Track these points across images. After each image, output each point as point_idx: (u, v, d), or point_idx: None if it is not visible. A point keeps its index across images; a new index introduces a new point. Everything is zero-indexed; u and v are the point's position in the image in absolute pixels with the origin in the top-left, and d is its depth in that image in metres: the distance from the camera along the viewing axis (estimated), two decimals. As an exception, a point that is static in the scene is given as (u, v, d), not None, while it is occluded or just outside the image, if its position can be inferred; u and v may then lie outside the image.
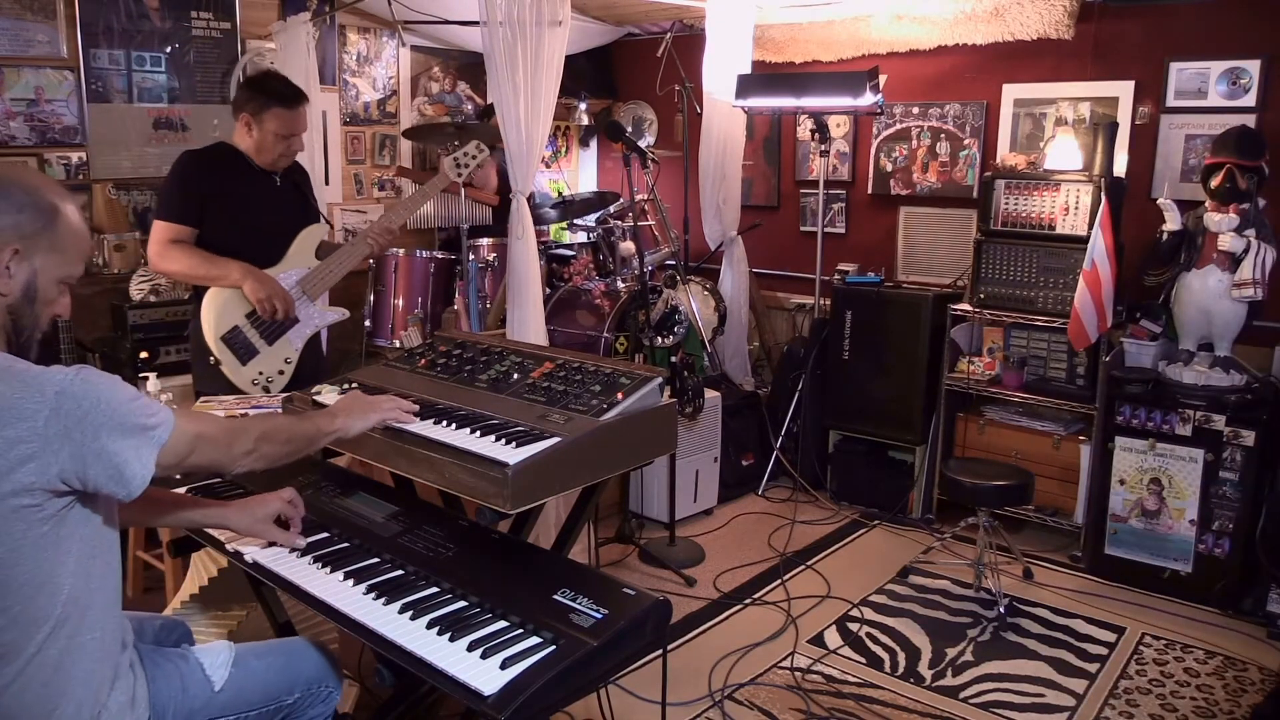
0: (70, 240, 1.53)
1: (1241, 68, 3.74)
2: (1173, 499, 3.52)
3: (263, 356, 3.01)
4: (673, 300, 4.04)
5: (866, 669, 3.06)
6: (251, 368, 2.99)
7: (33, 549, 1.38)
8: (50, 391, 1.35)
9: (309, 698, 1.80)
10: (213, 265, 2.92)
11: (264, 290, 2.93)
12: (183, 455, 1.50)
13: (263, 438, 1.66)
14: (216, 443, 1.58)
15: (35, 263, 1.49)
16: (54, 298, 1.54)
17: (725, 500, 4.43)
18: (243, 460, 1.63)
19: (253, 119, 2.95)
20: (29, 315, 1.51)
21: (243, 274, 2.92)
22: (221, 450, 1.59)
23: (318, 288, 3.10)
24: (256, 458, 1.65)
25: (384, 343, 4.34)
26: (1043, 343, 4.04)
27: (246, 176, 3.00)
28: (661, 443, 2.08)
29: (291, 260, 3.07)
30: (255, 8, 4.45)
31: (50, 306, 1.55)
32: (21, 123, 3.85)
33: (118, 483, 1.40)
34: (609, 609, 1.61)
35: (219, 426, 1.63)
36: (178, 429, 1.48)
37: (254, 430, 1.65)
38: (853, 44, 4.75)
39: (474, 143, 3.35)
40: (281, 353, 3.04)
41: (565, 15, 3.35)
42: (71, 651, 1.45)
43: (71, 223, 1.53)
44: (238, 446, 1.62)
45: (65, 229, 1.52)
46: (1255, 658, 3.15)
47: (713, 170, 4.74)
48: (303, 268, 3.07)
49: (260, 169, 3.03)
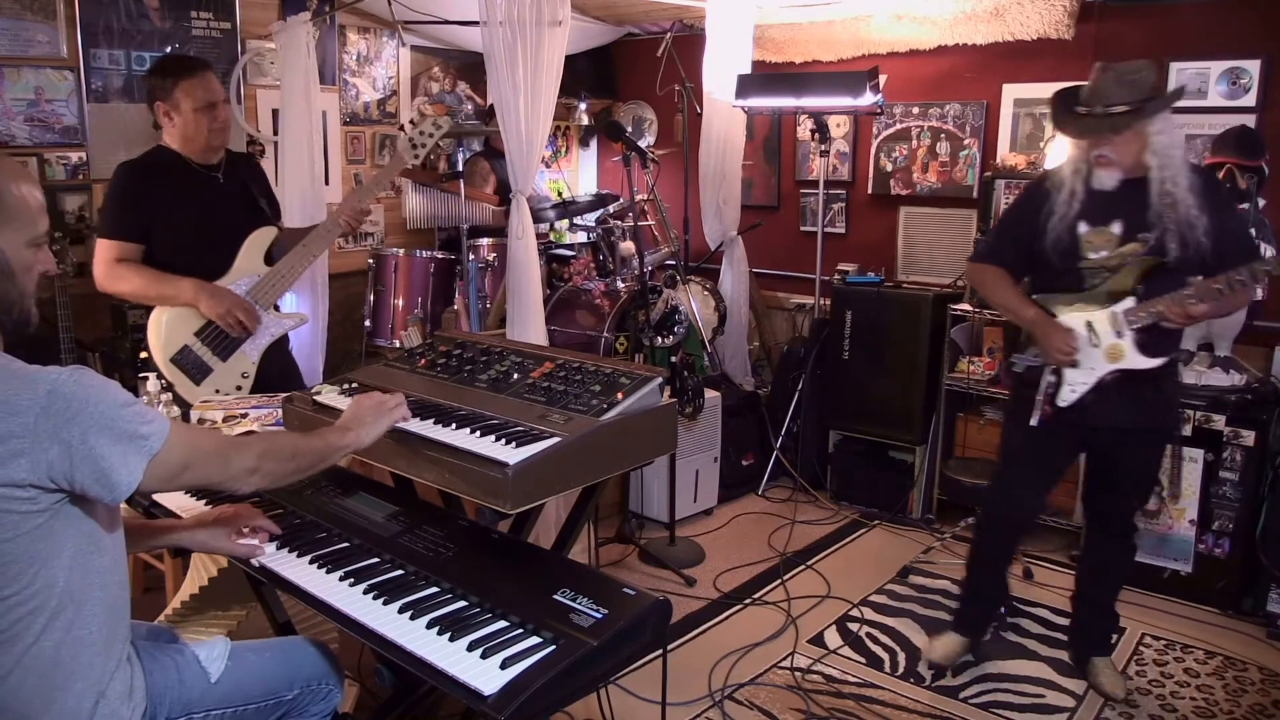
0: (20, 207, 1.50)
1: (1241, 68, 3.74)
2: (1173, 499, 3.52)
3: (217, 374, 2.90)
4: (673, 300, 4.04)
5: (866, 669, 3.06)
6: (206, 386, 2.89)
7: (27, 539, 1.38)
8: (43, 390, 1.35)
9: (308, 695, 1.80)
10: (163, 284, 2.81)
11: (222, 305, 2.82)
12: (175, 470, 1.47)
13: (266, 455, 1.60)
14: (212, 458, 1.53)
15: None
16: (30, 261, 1.53)
17: (725, 500, 4.43)
18: (245, 479, 1.58)
19: (166, 104, 2.83)
20: (13, 289, 1.50)
21: (195, 291, 2.81)
22: (218, 467, 1.54)
23: (271, 295, 2.96)
24: (261, 476, 1.60)
25: (384, 343, 4.34)
26: (1043, 343, 4.04)
27: (187, 180, 2.89)
28: (661, 443, 2.08)
29: (240, 270, 2.95)
30: (255, 8, 4.45)
31: (30, 271, 1.53)
32: (21, 123, 3.85)
33: (103, 486, 1.39)
34: (609, 609, 1.61)
35: (217, 441, 1.59)
36: (171, 441, 1.44)
37: (256, 446, 1.60)
38: (853, 44, 4.75)
39: (430, 119, 3.16)
40: (238, 367, 2.93)
41: (565, 15, 3.35)
42: (70, 644, 1.45)
43: (15, 191, 1.49)
44: (237, 463, 1.56)
45: (10, 200, 1.48)
46: (1255, 658, 3.15)
47: (713, 170, 4.75)
48: (253, 275, 2.96)
49: (201, 169, 2.92)
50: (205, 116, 2.85)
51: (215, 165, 2.97)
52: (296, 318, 3.15)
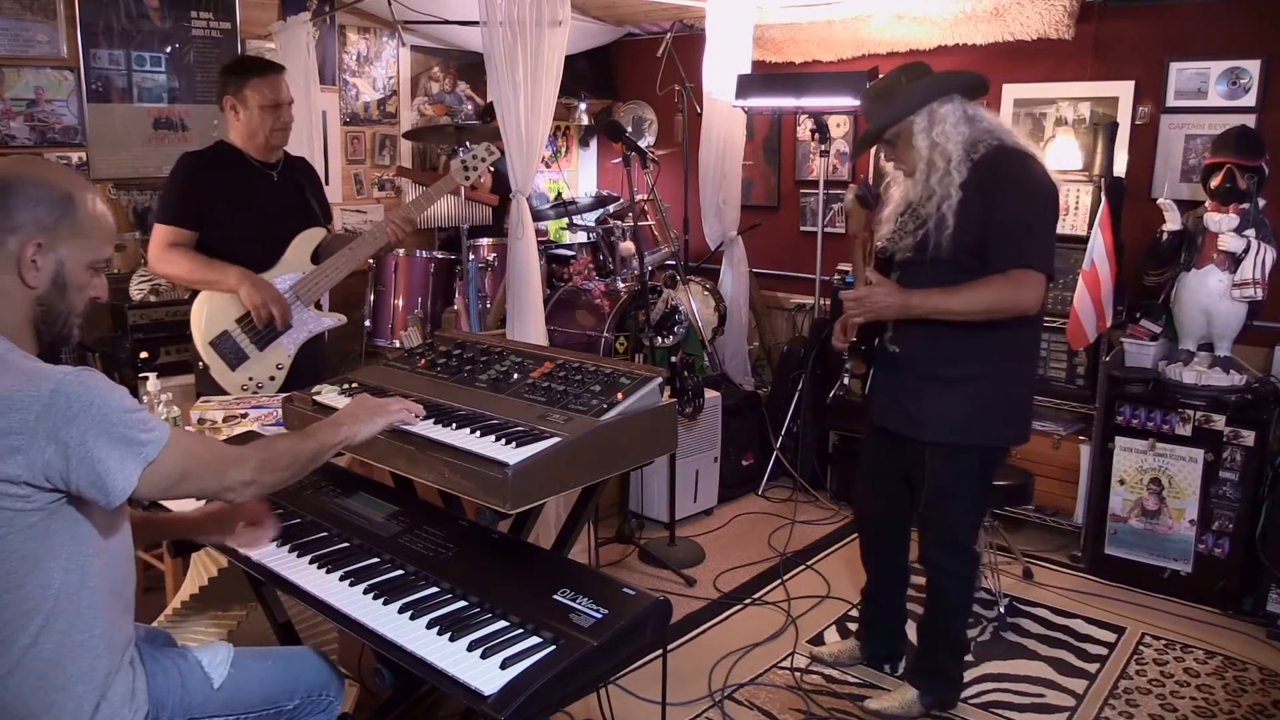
0: (92, 225, 1.53)
1: (1241, 68, 3.74)
2: (1173, 499, 3.52)
3: (252, 362, 2.97)
4: (673, 300, 4.04)
5: (866, 669, 3.06)
6: (241, 373, 2.96)
7: (19, 538, 1.38)
8: (46, 388, 1.35)
9: (309, 705, 1.79)
10: (210, 269, 2.90)
11: (260, 296, 2.90)
12: (170, 480, 1.47)
13: (263, 467, 1.60)
14: (208, 469, 1.53)
15: (60, 253, 1.50)
16: (85, 283, 1.55)
17: (725, 500, 4.43)
18: (241, 491, 1.59)
19: (235, 98, 2.94)
20: (61, 304, 1.52)
21: (239, 279, 2.90)
22: (213, 479, 1.54)
23: (313, 292, 3.05)
24: (258, 488, 1.61)
25: (384, 343, 4.34)
26: (1043, 343, 4.04)
27: (245, 175, 2.99)
28: (661, 443, 2.08)
29: (286, 264, 3.03)
30: (255, 8, 4.45)
31: (83, 292, 1.56)
32: (21, 123, 3.85)
33: (98, 489, 1.38)
34: (609, 609, 1.61)
35: (214, 453, 1.59)
36: (169, 449, 1.44)
37: (253, 460, 1.60)
38: (853, 44, 4.75)
39: (484, 145, 3.27)
40: (273, 358, 3.00)
41: (565, 15, 3.34)
42: (69, 647, 1.45)
43: (90, 207, 1.53)
44: (233, 475, 1.56)
45: (84, 214, 1.52)
46: (1255, 658, 3.15)
47: (713, 170, 4.74)
48: (297, 272, 3.04)
49: (258, 165, 3.01)
50: (270, 115, 2.95)
51: (273, 164, 3.07)
52: (335, 317, 3.21)
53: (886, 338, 2.70)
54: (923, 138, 2.48)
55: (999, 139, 2.48)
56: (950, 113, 2.47)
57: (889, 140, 2.56)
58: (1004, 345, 2.52)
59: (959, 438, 2.56)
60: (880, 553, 2.96)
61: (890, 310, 2.57)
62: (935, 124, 2.47)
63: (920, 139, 2.48)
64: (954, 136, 2.46)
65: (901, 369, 2.65)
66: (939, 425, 2.57)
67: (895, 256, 2.61)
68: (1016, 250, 2.40)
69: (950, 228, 2.43)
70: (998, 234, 2.41)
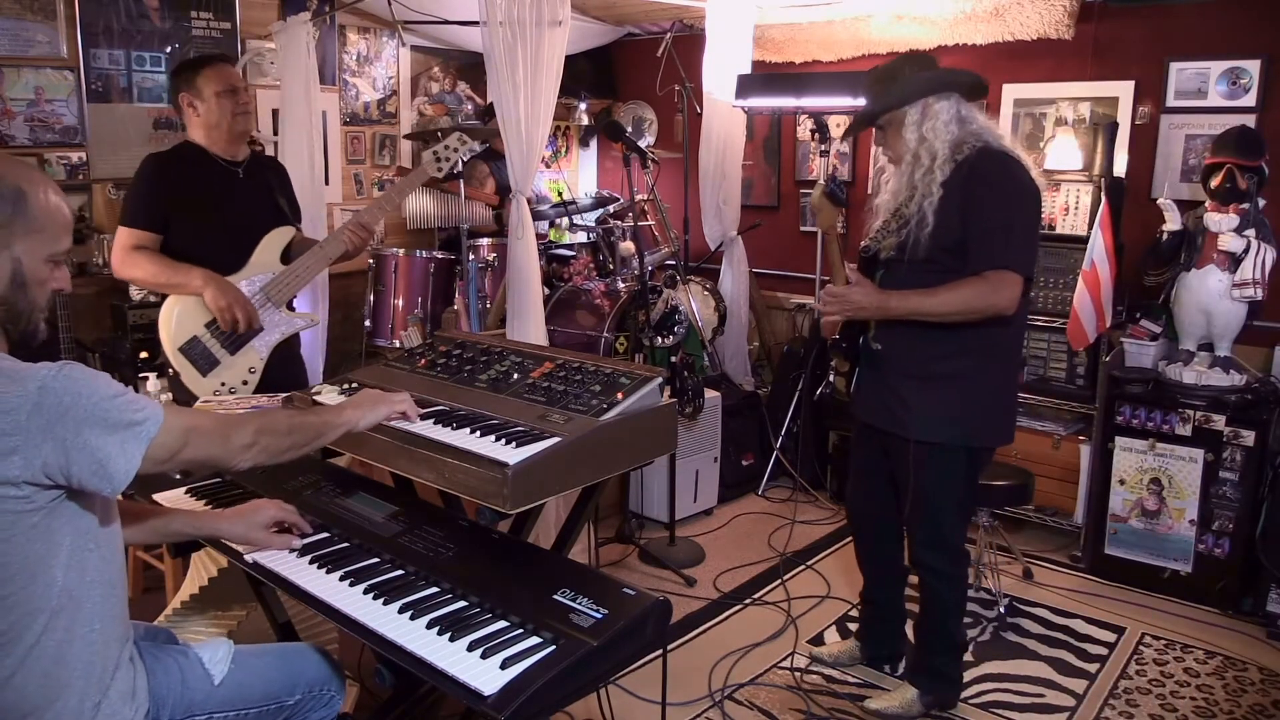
0: (46, 218, 1.50)
1: (1241, 68, 3.74)
2: (1173, 499, 3.52)
3: (224, 367, 2.91)
4: (673, 300, 4.04)
5: (866, 669, 3.06)
6: (213, 378, 2.90)
7: (24, 539, 1.39)
8: (33, 387, 1.35)
9: (310, 701, 1.80)
10: (175, 272, 2.84)
11: (225, 299, 2.83)
12: (174, 450, 1.47)
13: (262, 430, 1.60)
14: (211, 436, 1.53)
15: (15, 250, 1.47)
16: (46, 276, 1.53)
17: (725, 500, 4.43)
18: (243, 455, 1.58)
19: (190, 94, 2.89)
20: (24, 301, 1.50)
21: (204, 281, 2.83)
22: (217, 444, 1.54)
23: (284, 293, 2.99)
24: (258, 451, 1.59)
25: (384, 343, 4.34)
26: (1042, 343, 4.04)
27: (210, 174, 2.93)
28: (661, 443, 2.08)
29: (256, 265, 2.97)
30: (255, 8, 4.45)
31: (44, 286, 1.53)
32: (21, 123, 3.85)
33: (101, 478, 1.38)
34: (609, 609, 1.61)
35: (213, 420, 1.60)
36: (167, 423, 1.44)
37: (253, 423, 1.60)
38: (853, 44, 4.75)
39: (456, 134, 3.24)
40: (245, 362, 2.95)
41: (565, 15, 3.34)
42: (71, 643, 1.45)
43: (43, 200, 1.50)
44: (235, 439, 1.56)
45: (38, 208, 1.49)
46: (1255, 658, 3.15)
47: (713, 170, 4.74)
48: (267, 273, 2.98)
49: (225, 164, 2.95)
50: (229, 100, 2.90)
51: (239, 161, 3.01)
52: (308, 318, 3.16)
53: (869, 336, 2.71)
54: (912, 130, 2.48)
55: (984, 141, 2.48)
56: (944, 110, 2.47)
57: (881, 126, 2.57)
58: (986, 344, 2.52)
59: (942, 436, 2.56)
60: (875, 553, 2.96)
61: (867, 311, 2.58)
62: (927, 119, 2.47)
63: (910, 131, 2.49)
64: (943, 134, 2.46)
65: (884, 366, 2.66)
66: (922, 422, 2.57)
67: (880, 255, 2.62)
68: (994, 251, 2.40)
69: (930, 226, 2.44)
70: (977, 234, 2.41)
